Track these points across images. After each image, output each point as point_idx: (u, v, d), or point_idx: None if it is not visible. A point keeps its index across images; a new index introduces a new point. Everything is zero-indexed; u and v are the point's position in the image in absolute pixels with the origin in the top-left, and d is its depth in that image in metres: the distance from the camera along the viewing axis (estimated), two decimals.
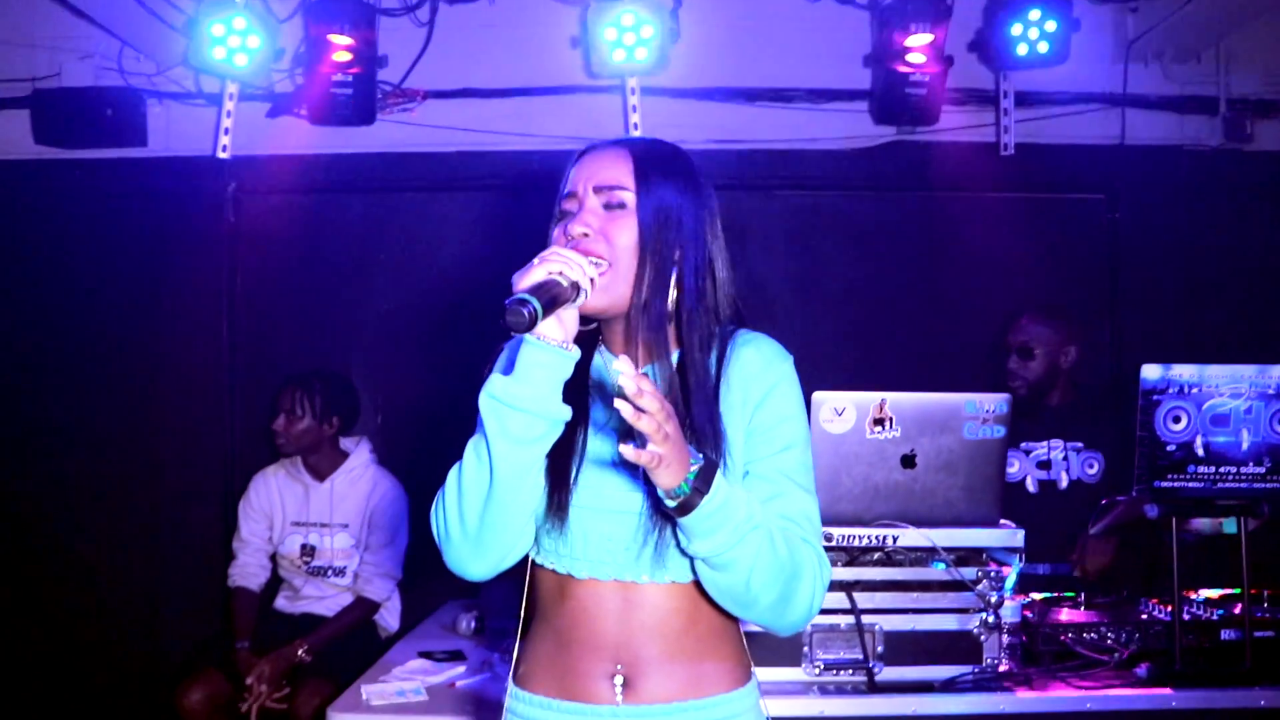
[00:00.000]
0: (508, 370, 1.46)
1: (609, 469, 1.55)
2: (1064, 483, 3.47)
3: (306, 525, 3.90)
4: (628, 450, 1.28)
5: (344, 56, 3.92)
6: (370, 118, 4.11)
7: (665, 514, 1.43)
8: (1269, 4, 3.95)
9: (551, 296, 1.39)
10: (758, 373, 1.56)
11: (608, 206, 1.56)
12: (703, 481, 1.35)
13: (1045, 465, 3.48)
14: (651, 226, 1.54)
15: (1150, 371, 2.55)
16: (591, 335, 1.63)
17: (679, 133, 1.55)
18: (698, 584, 1.52)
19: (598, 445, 1.57)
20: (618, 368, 1.26)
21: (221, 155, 4.16)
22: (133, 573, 4.41)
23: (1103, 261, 4.46)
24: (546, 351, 1.42)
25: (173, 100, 4.36)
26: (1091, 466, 3.45)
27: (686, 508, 1.36)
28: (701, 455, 1.38)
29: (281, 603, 3.94)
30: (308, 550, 3.88)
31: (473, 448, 1.48)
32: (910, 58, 3.96)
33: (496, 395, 1.42)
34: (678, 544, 1.47)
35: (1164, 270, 4.36)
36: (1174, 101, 4.35)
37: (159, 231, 4.43)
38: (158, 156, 4.37)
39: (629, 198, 1.55)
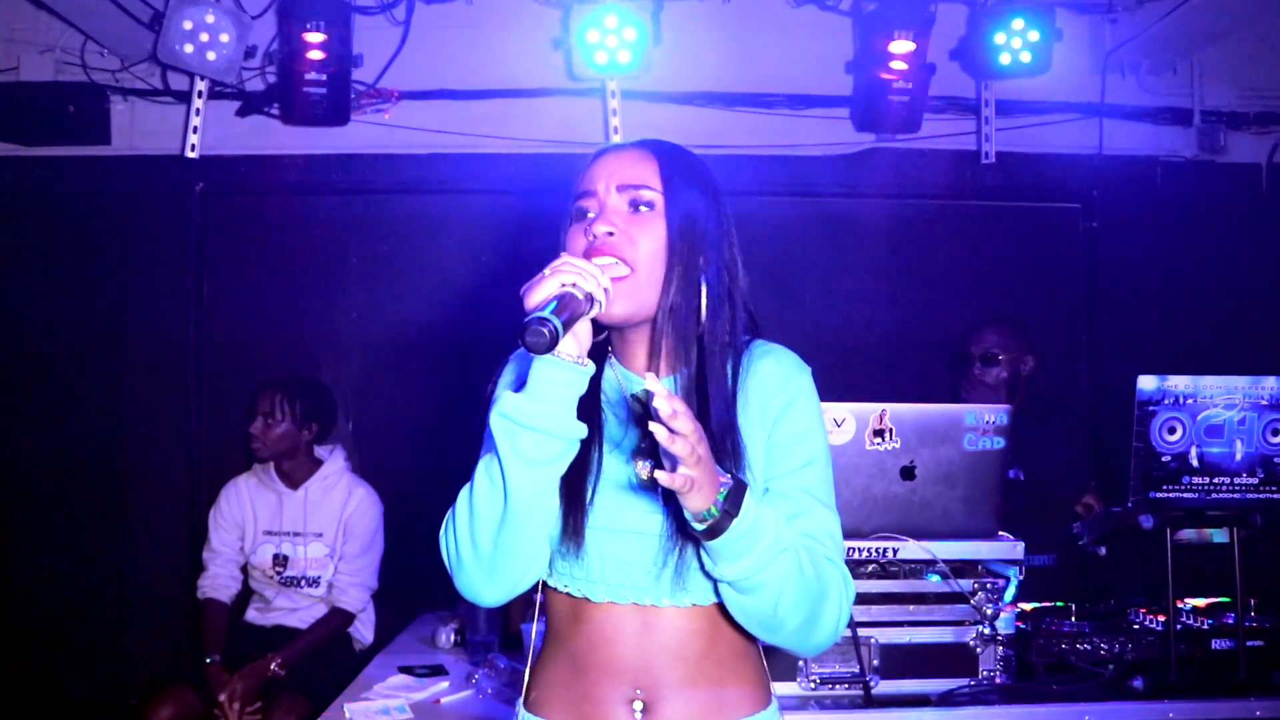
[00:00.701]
0: (518, 387, 1.40)
1: (626, 488, 1.50)
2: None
3: (279, 534, 3.80)
4: (661, 476, 1.23)
5: (317, 55, 3.83)
6: (344, 118, 4.02)
7: (686, 534, 1.39)
8: (1243, 19, 4.00)
9: (571, 313, 1.33)
10: (777, 385, 1.52)
11: (633, 207, 1.50)
12: (732, 504, 1.30)
13: None
14: (680, 229, 1.49)
15: (1146, 383, 2.55)
16: (601, 346, 1.57)
17: (658, 136, 1.52)
18: (719, 606, 1.47)
19: (613, 463, 1.51)
20: (650, 388, 1.21)
21: (190, 155, 4.04)
22: (97, 584, 4.28)
23: (1080, 270, 4.50)
24: (561, 368, 1.36)
25: (138, 97, 4.24)
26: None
27: (715, 531, 1.31)
28: (730, 476, 1.33)
29: (253, 615, 3.83)
30: (280, 560, 3.78)
31: (484, 469, 1.42)
32: (892, 64, 3.94)
33: (509, 414, 1.36)
34: (700, 565, 1.42)
35: (1139, 279, 4.40)
36: (1150, 113, 4.40)
37: (123, 232, 4.31)
38: (122, 155, 4.26)
39: (656, 198, 1.50)
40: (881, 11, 3.92)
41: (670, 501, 1.38)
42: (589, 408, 1.47)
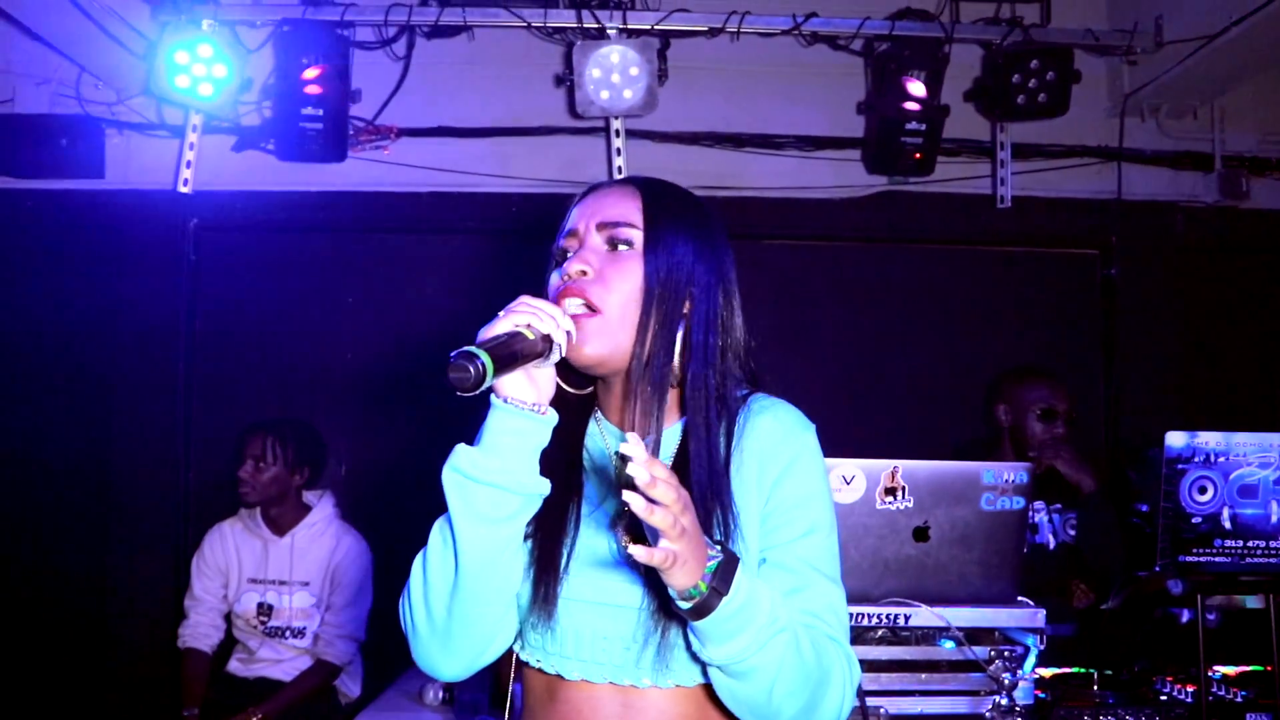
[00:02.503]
0: (476, 440, 1.28)
1: (605, 556, 1.37)
2: (1053, 544, 3.35)
3: (264, 582, 3.67)
4: (638, 551, 1.10)
5: (315, 89, 3.74)
6: (341, 154, 3.93)
7: (670, 611, 1.25)
8: (1265, 62, 3.91)
9: (512, 352, 1.22)
10: (776, 445, 1.39)
11: (612, 245, 1.39)
12: (722, 580, 1.16)
13: (1033, 529, 3.34)
14: (659, 270, 1.37)
15: (1175, 439, 2.40)
16: (587, 401, 1.45)
17: (663, 177, 1.43)
18: (706, 687, 1.33)
19: (592, 529, 1.38)
20: (627, 451, 1.07)
21: (183, 189, 3.96)
22: (76, 631, 4.15)
23: (1098, 318, 4.40)
24: (517, 416, 1.26)
25: (133, 131, 4.18)
26: (1072, 527, 3.33)
27: (702, 610, 1.17)
28: (720, 547, 1.19)
29: (235, 665, 3.68)
30: (265, 609, 3.64)
31: (438, 530, 1.30)
32: (905, 106, 3.85)
33: (460, 469, 1.25)
34: (686, 644, 1.28)
35: (1160, 328, 4.29)
36: (1170, 157, 4.32)
37: (115, 267, 4.23)
38: (116, 189, 4.19)
39: (636, 236, 1.38)
40: (894, 51, 3.85)
41: (652, 573, 1.25)
42: (567, 466, 1.35)
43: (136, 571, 4.15)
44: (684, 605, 1.17)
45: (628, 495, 1.07)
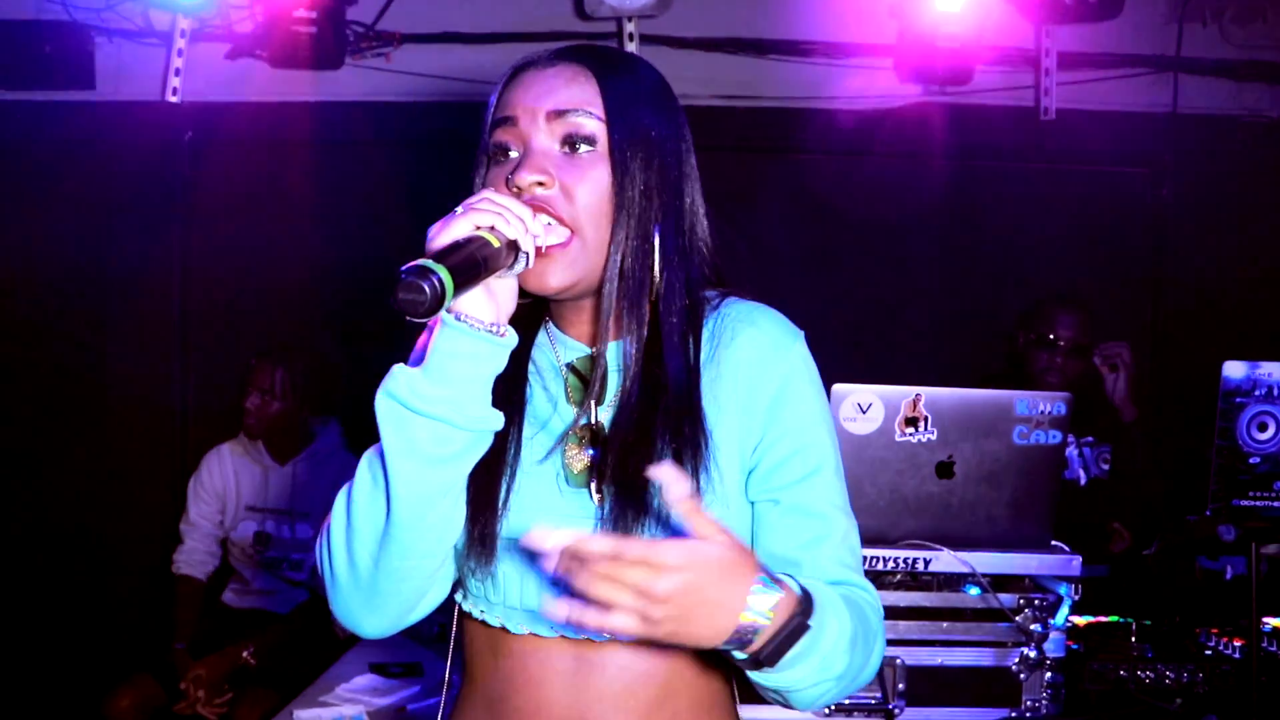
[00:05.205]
0: (416, 360, 1.08)
1: (551, 484, 1.18)
2: (1084, 479, 3.23)
3: (263, 511, 3.57)
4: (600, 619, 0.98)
5: None
6: (337, 61, 3.75)
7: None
8: None
9: (474, 262, 1.01)
10: (764, 364, 1.18)
11: (569, 144, 1.15)
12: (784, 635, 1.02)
13: (1063, 463, 3.19)
14: (632, 173, 1.15)
15: (1233, 369, 2.19)
16: (536, 307, 1.24)
17: (681, 87, 1.22)
18: None
19: (536, 451, 1.19)
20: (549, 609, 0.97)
21: (171, 99, 3.80)
22: (68, 559, 4.08)
23: (1148, 243, 4.20)
24: (471, 337, 1.06)
25: (123, 38, 3.98)
26: (1105, 461, 3.22)
27: (758, 663, 1.04)
28: (772, 583, 1.02)
29: (229, 596, 3.62)
30: (262, 539, 3.54)
31: (367, 465, 1.11)
32: (941, 7, 3.67)
33: (397, 395, 1.06)
34: None
35: (1216, 254, 4.06)
36: (1232, 66, 4.06)
37: (106, 183, 4.05)
38: (106, 100, 4.00)
39: (599, 131, 1.15)
40: None
41: (613, 497, 1.08)
42: (510, 380, 1.14)
43: (133, 498, 4.07)
44: (740, 656, 1.04)
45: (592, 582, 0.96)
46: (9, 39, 3.84)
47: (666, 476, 0.96)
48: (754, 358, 1.18)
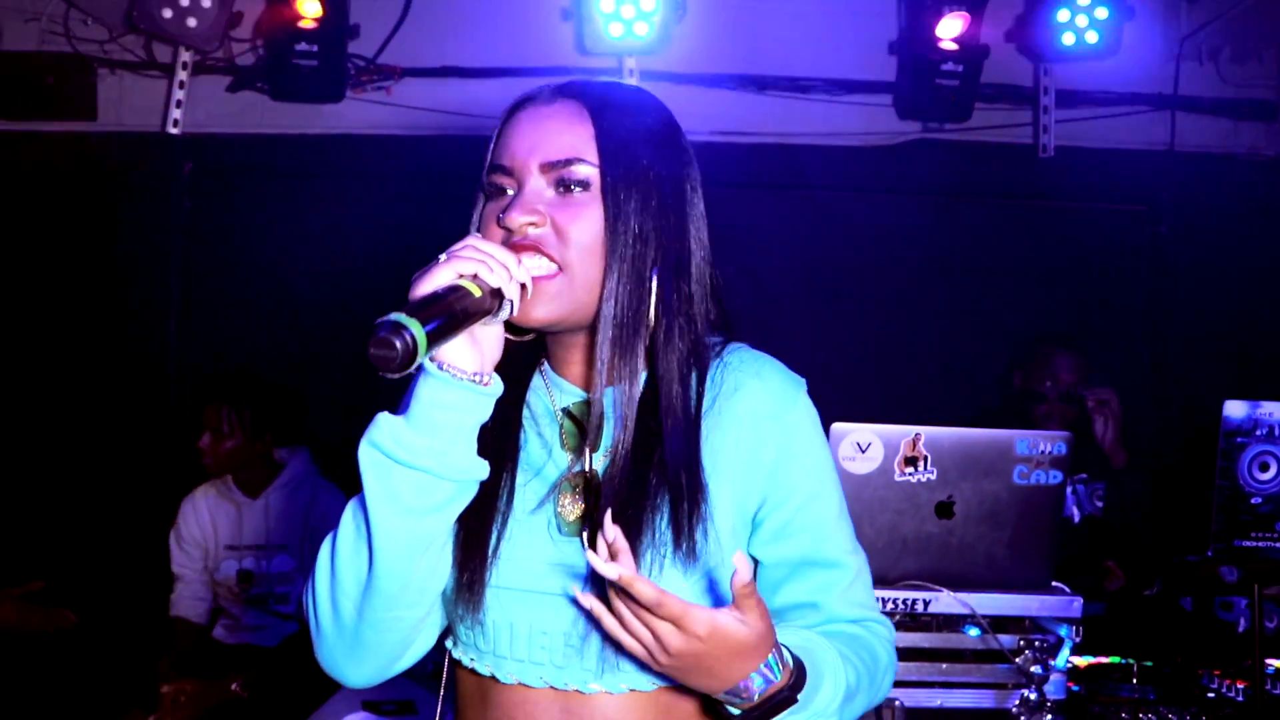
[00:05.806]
0: (402, 408, 1.07)
1: (543, 533, 1.16)
2: (1077, 517, 3.21)
3: (240, 549, 3.52)
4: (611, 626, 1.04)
5: (309, 24, 3.56)
6: (338, 94, 3.77)
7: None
8: None
9: (451, 314, 1.00)
10: (768, 419, 1.18)
11: (562, 187, 1.15)
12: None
13: None
14: (625, 215, 1.14)
15: (1234, 409, 2.18)
16: (531, 349, 1.23)
17: (681, 123, 1.22)
18: (669, 689, 1.13)
19: (528, 500, 1.17)
20: (600, 567, 0.97)
21: (172, 130, 3.81)
22: (59, 594, 4.01)
23: (1145, 280, 4.20)
24: (453, 387, 1.04)
25: (126, 70, 4.00)
26: (1099, 498, 3.22)
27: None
28: (781, 668, 1.06)
29: (220, 633, 3.56)
30: (245, 576, 3.50)
31: (351, 514, 1.09)
32: (941, 46, 3.68)
33: (380, 445, 1.04)
34: None
35: (1213, 291, 4.06)
36: (1229, 105, 4.08)
37: (107, 214, 4.06)
38: (108, 131, 4.02)
39: (591, 175, 1.14)
40: None
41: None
42: (503, 425, 1.13)
43: (126, 532, 4.02)
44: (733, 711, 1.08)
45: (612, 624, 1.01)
46: (12, 69, 3.87)
47: (739, 563, 0.98)
48: (757, 411, 1.18)
